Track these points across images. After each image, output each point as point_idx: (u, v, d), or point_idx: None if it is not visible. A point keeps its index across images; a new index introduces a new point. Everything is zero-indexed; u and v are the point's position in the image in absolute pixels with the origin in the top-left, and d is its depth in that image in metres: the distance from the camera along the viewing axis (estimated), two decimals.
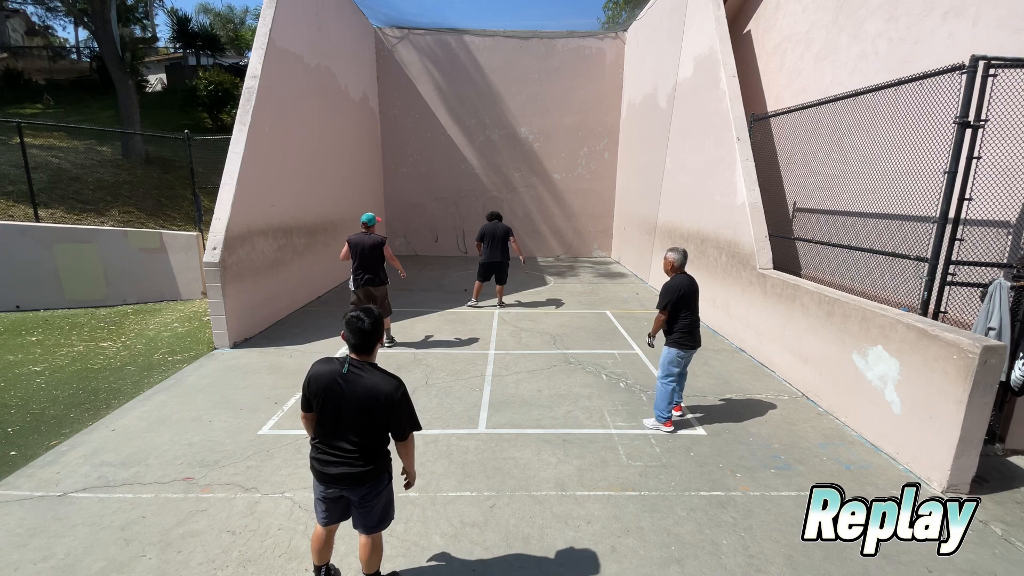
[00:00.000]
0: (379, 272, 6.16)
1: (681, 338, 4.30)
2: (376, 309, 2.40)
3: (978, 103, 4.00)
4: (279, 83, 7.83)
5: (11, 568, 2.81)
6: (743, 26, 9.01)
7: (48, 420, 4.54)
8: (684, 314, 4.27)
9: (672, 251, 4.35)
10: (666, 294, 4.25)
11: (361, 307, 2.39)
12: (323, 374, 2.32)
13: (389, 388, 2.28)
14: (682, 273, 4.34)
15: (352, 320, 2.33)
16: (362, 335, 2.32)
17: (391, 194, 14.24)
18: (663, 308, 4.26)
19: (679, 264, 4.32)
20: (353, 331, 2.33)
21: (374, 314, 2.36)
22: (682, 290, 4.22)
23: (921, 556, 2.99)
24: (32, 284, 8.09)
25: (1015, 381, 3.81)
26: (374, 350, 2.40)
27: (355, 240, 6.07)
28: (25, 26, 25.82)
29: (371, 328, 2.33)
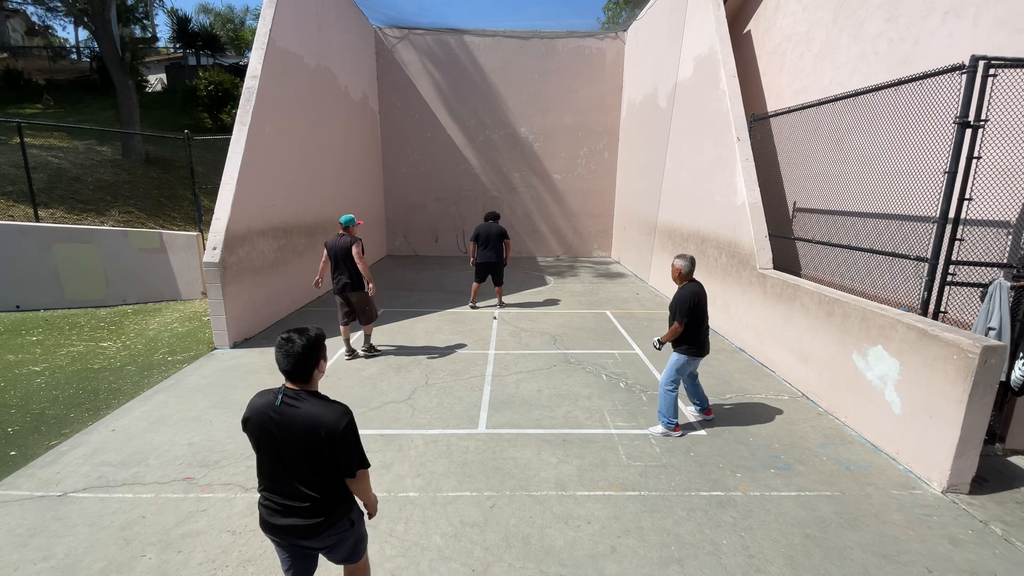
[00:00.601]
0: (355, 276, 5.83)
1: (691, 348, 4.24)
2: (314, 329, 2.05)
3: (978, 103, 4.00)
4: (279, 83, 7.83)
5: (11, 568, 2.81)
6: (743, 26, 9.01)
7: (48, 420, 4.54)
8: (697, 324, 4.20)
9: (680, 258, 4.23)
10: (683, 306, 4.12)
11: (294, 328, 2.04)
12: (257, 410, 1.98)
13: (331, 418, 1.94)
14: (692, 280, 4.26)
15: (281, 342, 1.98)
16: (294, 360, 1.95)
17: (391, 194, 14.24)
18: (682, 320, 4.12)
19: (688, 271, 4.22)
20: (283, 355, 1.96)
21: (308, 335, 2.00)
22: (695, 299, 4.14)
23: (921, 556, 2.99)
24: (32, 284, 8.10)
25: (1015, 381, 3.81)
26: (313, 376, 2.03)
27: (330, 243, 5.85)
28: (25, 26, 25.82)
29: (304, 351, 1.96)
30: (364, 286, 5.88)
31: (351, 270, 5.79)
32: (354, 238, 5.81)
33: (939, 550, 3.04)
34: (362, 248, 5.80)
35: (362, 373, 5.72)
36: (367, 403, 4.94)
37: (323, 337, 2.05)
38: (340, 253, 5.77)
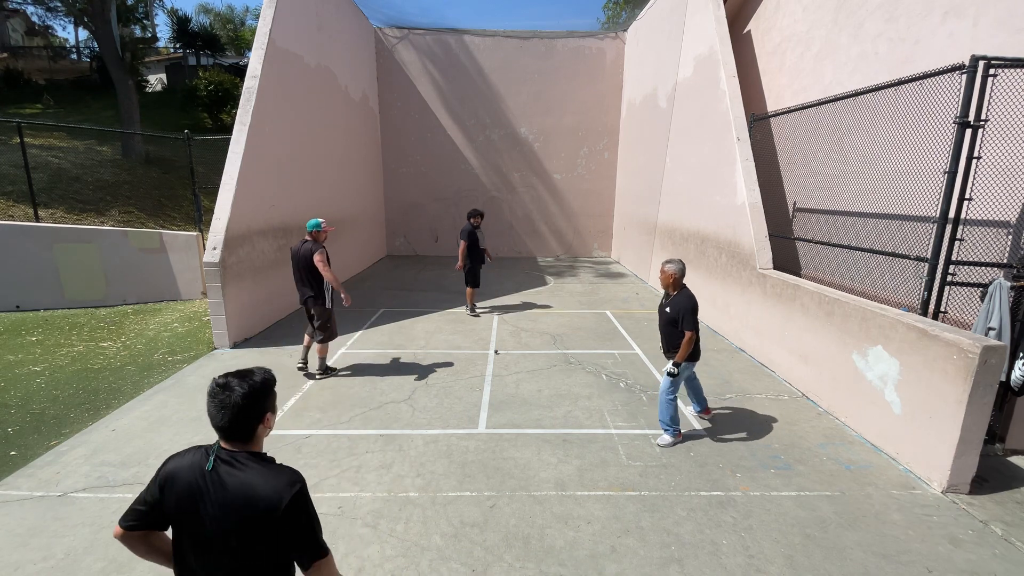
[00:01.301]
0: (318, 287, 5.33)
1: (695, 352, 4.15)
2: (260, 372, 1.58)
3: (978, 103, 4.00)
4: (279, 83, 7.83)
5: (11, 568, 2.81)
6: (743, 26, 9.01)
7: (48, 420, 4.54)
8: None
9: (670, 263, 4.08)
10: (693, 314, 3.96)
11: (234, 371, 1.55)
12: (181, 473, 1.49)
13: (271, 490, 1.44)
14: (685, 286, 4.15)
15: (215, 389, 1.49)
16: (230, 414, 1.47)
17: (391, 194, 14.24)
18: (695, 329, 3.96)
19: (682, 276, 4.08)
20: (216, 406, 1.48)
21: (252, 380, 1.52)
22: (697, 305, 4.06)
23: (921, 556, 2.99)
24: (32, 284, 8.09)
25: (1015, 381, 3.81)
26: (256, 434, 1.55)
27: (294, 249, 5.40)
28: (25, 26, 25.81)
29: (245, 401, 1.48)
30: (326, 299, 5.36)
31: (314, 280, 5.28)
32: (317, 245, 5.28)
33: (939, 550, 3.04)
34: (326, 256, 5.25)
35: (362, 373, 5.71)
36: (367, 403, 4.94)
37: (272, 383, 1.58)
38: (302, 261, 5.25)
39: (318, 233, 5.37)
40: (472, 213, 8.04)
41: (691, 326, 3.95)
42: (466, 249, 7.87)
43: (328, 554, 1.58)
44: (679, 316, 3.98)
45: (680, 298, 4.03)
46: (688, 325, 3.95)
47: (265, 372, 1.58)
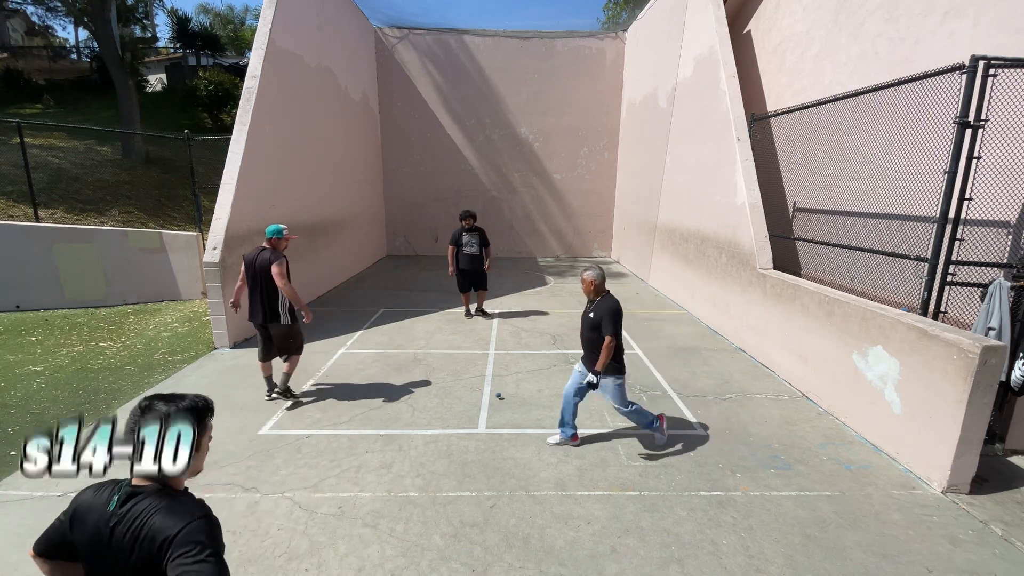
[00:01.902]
0: (274, 304, 4.64)
1: (621, 364, 3.95)
2: (192, 396, 1.44)
3: (978, 103, 4.00)
4: (279, 83, 7.83)
5: (11, 568, 2.81)
6: (743, 26, 9.01)
7: (48, 420, 4.54)
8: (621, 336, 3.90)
9: (588, 270, 3.95)
10: (617, 317, 3.79)
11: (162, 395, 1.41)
12: (86, 510, 1.35)
13: (168, 523, 1.28)
14: (608, 292, 3.98)
15: (134, 412, 1.36)
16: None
17: (391, 194, 14.24)
18: (618, 334, 3.78)
19: (602, 282, 3.93)
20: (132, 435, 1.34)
21: (180, 403, 1.40)
22: (621, 310, 3.86)
23: (921, 556, 2.99)
24: (32, 284, 8.09)
25: (1015, 381, 3.81)
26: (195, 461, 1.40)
27: (248, 258, 4.66)
28: (25, 26, 25.81)
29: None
30: (284, 316, 4.69)
31: (270, 295, 4.61)
32: (277, 254, 4.59)
33: (939, 550, 3.04)
34: (287, 268, 4.57)
35: (362, 373, 5.72)
36: (367, 403, 4.94)
37: (206, 410, 1.45)
38: (260, 272, 4.57)
39: (278, 241, 4.69)
40: (461, 215, 7.70)
41: (610, 330, 3.76)
42: (452, 253, 7.66)
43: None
44: (600, 321, 3.82)
45: (602, 303, 3.87)
46: (608, 329, 3.77)
47: (198, 398, 1.42)
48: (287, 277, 4.56)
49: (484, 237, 7.80)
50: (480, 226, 7.87)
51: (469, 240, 7.64)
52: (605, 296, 3.92)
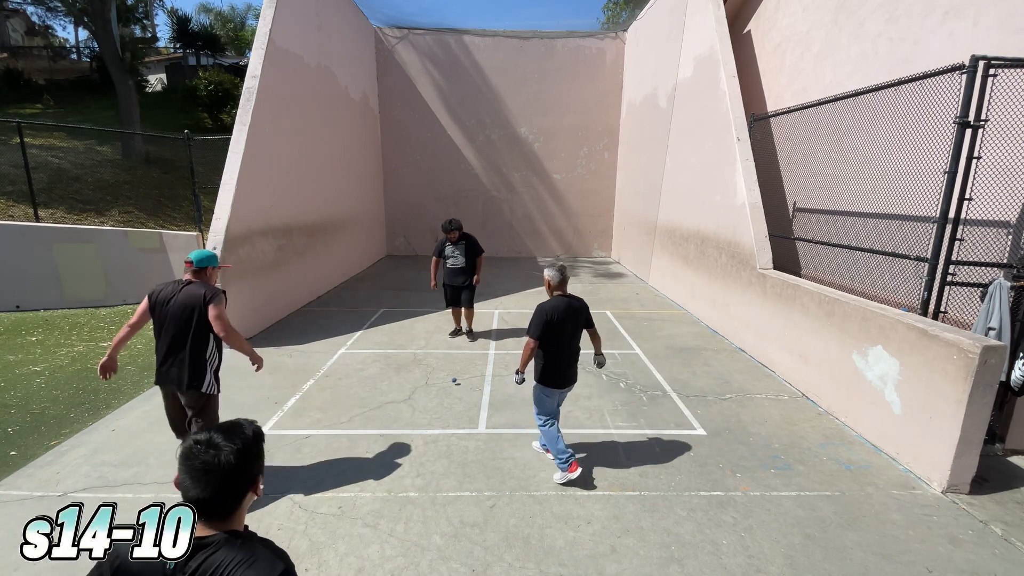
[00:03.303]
0: (200, 360, 3.23)
1: (545, 375, 3.60)
2: (248, 425, 1.29)
3: (978, 103, 4.00)
4: (279, 83, 7.83)
5: (11, 568, 2.81)
6: (743, 26, 9.01)
7: (48, 420, 4.54)
8: (553, 345, 3.55)
9: (547, 268, 3.70)
10: (535, 319, 3.52)
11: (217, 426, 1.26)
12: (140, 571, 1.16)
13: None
14: (562, 295, 3.64)
15: (191, 449, 1.20)
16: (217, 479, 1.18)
17: (391, 194, 14.24)
18: (533, 336, 3.51)
19: (557, 282, 3.63)
20: (199, 472, 1.18)
21: (243, 434, 1.25)
22: (553, 315, 3.49)
23: (921, 556, 2.99)
24: (32, 284, 8.09)
25: (1015, 381, 3.81)
26: (241, 507, 1.25)
27: (160, 295, 3.24)
28: (25, 26, 25.80)
29: (237, 461, 1.20)
30: (209, 380, 3.29)
31: (197, 347, 3.22)
32: (211, 289, 3.27)
33: (939, 550, 3.04)
34: (225, 307, 3.29)
35: (362, 373, 5.71)
36: (367, 403, 4.94)
37: (263, 436, 1.32)
38: (179, 312, 3.18)
39: (212, 271, 3.42)
40: (445, 227, 6.67)
41: (529, 330, 3.53)
42: (434, 265, 6.85)
43: None
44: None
45: (538, 304, 3.62)
46: (529, 330, 3.54)
47: (254, 425, 1.30)
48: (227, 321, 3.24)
49: (474, 247, 6.81)
50: (470, 234, 6.94)
51: (453, 251, 6.73)
52: (551, 298, 3.65)
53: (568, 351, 3.62)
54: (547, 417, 3.72)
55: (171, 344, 3.22)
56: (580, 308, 3.65)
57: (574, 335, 3.65)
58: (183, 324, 3.19)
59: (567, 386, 3.70)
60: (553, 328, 3.50)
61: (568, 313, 3.56)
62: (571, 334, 3.61)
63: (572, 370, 3.69)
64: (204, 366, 3.26)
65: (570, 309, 3.58)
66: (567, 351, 3.62)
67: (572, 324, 3.60)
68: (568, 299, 3.61)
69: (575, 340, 3.67)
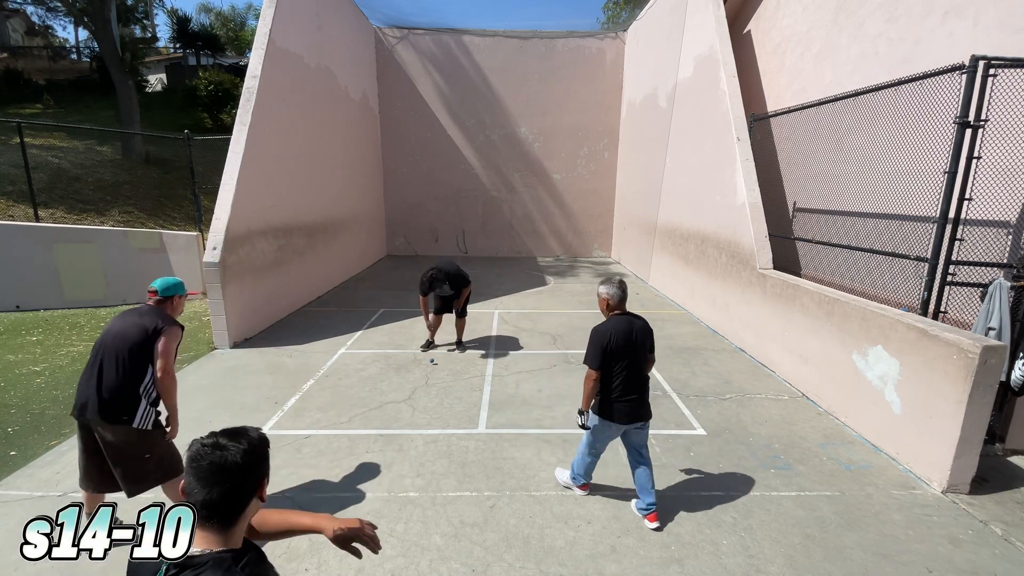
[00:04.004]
0: (130, 390, 2.78)
1: (603, 406, 3.11)
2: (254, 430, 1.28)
3: (978, 103, 4.00)
4: (279, 83, 7.83)
5: (11, 568, 2.81)
6: (743, 26, 9.01)
7: (48, 420, 4.54)
8: (612, 372, 3.06)
9: (605, 284, 3.21)
10: (592, 346, 3.07)
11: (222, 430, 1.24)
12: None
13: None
14: (621, 313, 3.19)
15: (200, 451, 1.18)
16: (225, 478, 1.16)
17: (391, 194, 14.24)
18: (593, 366, 3.05)
19: (617, 301, 3.17)
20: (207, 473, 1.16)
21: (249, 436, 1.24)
22: (612, 338, 3.03)
23: (921, 556, 2.99)
24: (32, 284, 8.09)
25: (1015, 381, 3.81)
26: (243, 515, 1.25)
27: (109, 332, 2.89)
28: (25, 26, 25.80)
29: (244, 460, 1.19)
30: (141, 415, 2.80)
31: (128, 376, 2.77)
32: (166, 320, 2.92)
33: (939, 550, 3.04)
34: (177, 342, 2.94)
35: (362, 373, 5.71)
36: (367, 403, 4.94)
37: (268, 443, 1.31)
38: (118, 338, 2.81)
39: (179, 300, 3.10)
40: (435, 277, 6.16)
41: (587, 359, 3.09)
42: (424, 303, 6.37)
43: None
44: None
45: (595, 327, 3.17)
46: (587, 359, 3.10)
47: (259, 431, 1.28)
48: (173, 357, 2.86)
49: (462, 281, 6.33)
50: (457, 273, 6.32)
51: (442, 289, 6.25)
52: (608, 318, 3.19)
53: (634, 379, 3.08)
54: (592, 452, 3.31)
55: (101, 365, 2.79)
56: (645, 329, 3.18)
57: (639, 360, 3.12)
58: (113, 348, 2.79)
59: (635, 421, 3.12)
60: (614, 354, 3.03)
61: (631, 336, 3.07)
62: (635, 360, 3.09)
63: (641, 402, 3.14)
64: (137, 397, 2.78)
65: (633, 331, 3.09)
66: (632, 380, 3.08)
67: (637, 348, 3.10)
68: (629, 319, 3.14)
69: (641, 367, 3.13)
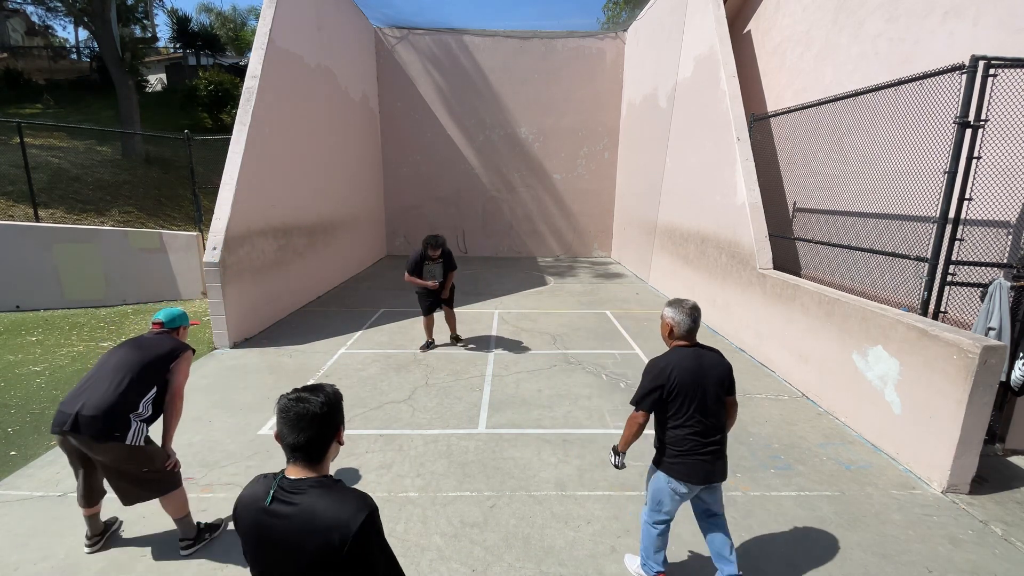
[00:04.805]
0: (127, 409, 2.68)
1: (671, 460, 2.47)
2: (329, 385, 1.52)
3: (978, 103, 4.00)
4: (279, 83, 7.83)
5: (11, 568, 2.81)
6: (743, 26, 9.01)
7: (48, 420, 4.53)
8: (678, 415, 2.44)
9: (672, 307, 2.54)
10: (644, 384, 2.48)
11: (299, 388, 1.49)
12: (245, 506, 1.43)
13: (340, 517, 1.31)
14: (686, 344, 2.52)
15: (288, 403, 1.42)
16: (310, 424, 1.40)
17: (391, 194, 14.25)
18: (641, 406, 2.48)
19: (685, 330, 2.50)
20: (293, 419, 1.40)
21: (326, 391, 1.48)
22: (670, 374, 2.40)
23: (921, 556, 2.99)
24: (32, 284, 8.09)
25: (1015, 381, 3.81)
26: (328, 454, 1.47)
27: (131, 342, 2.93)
28: (25, 26, 25.81)
29: (323, 411, 1.42)
30: (134, 432, 2.69)
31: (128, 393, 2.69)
32: (181, 346, 2.96)
33: (939, 550, 3.04)
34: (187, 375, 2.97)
35: (362, 373, 5.71)
36: (367, 403, 4.94)
37: (341, 397, 1.54)
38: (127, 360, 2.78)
39: (183, 331, 3.15)
40: (428, 242, 5.97)
41: (634, 396, 2.52)
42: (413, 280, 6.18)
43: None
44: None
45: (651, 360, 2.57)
46: (635, 395, 2.52)
47: (333, 387, 1.53)
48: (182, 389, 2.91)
49: (450, 262, 6.28)
50: (448, 249, 6.27)
51: (430, 270, 6.13)
52: (671, 348, 2.55)
53: (705, 429, 2.43)
54: (661, 518, 2.59)
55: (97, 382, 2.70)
56: (719, 365, 2.49)
57: (711, 405, 2.44)
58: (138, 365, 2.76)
59: (708, 482, 2.47)
60: (674, 395, 2.40)
61: (699, 374, 2.42)
62: (705, 404, 2.42)
63: (717, 458, 2.46)
64: (126, 418, 2.66)
65: (701, 368, 2.44)
66: (704, 430, 2.42)
67: (707, 389, 2.43)
68: (697, 352, 2.49)
69: (715, 414, 2.45)
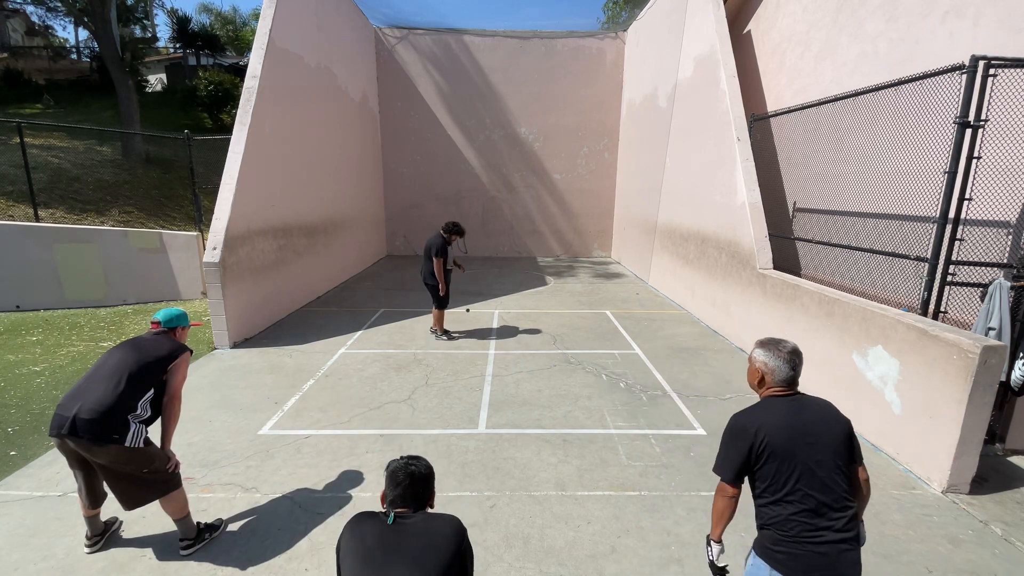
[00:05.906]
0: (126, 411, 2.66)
1: (775, 548, 1.84)
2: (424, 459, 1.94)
3: (978, 103, 4.00)
4: (279, 83, 7.83)
5: (11, 568, 2.81)
6: (743, 26, 9.01)
7: (48, 420, 4.52)
8: (775, 487, 1.85)
9: (763, 348, 2.10)
10: (726, 448, 1.96)
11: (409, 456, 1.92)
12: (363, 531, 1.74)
13: (456, 526, 1.79)
14: (782, 394, 2.02)
15: (403, 463, 1.86)
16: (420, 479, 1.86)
17: (391, 194, 14.25)
18: (727, 477, 1.96)
19: (780, 377, 2.04)
20: (407, 475, 1.83)
21: (427, 461, 1.93)
22: (759, 432, 1.87)
23: (921, 556, 2.99)
24: (32, 284, 8.09)
25: (1015, 381, 3.81)
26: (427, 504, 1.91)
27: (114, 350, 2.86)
28: (25, 26, 25.80)
29: (427, 472, 1.90)
30: (133, 434, 2.66)
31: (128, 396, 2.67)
32: (180, 347, 2.93)
33: (939, 550, 3.04)
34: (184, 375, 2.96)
35: (362, 373, 5.71)
36: (367, 403, 4.94)
37: (433, 470, 1.96)
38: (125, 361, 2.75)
39: (182, 331, 3.10)
40: (452, 229, 6.58)
41: (717, 466, 2.00)
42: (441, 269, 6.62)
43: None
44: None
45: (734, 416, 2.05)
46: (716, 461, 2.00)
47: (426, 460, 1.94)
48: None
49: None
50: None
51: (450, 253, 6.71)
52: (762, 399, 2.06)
53: (819, 506, 1.79)
54: None
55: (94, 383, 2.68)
56: (830, 420, 1.95)
57: (823, 474, 1.81)
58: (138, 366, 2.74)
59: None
60: (766, 460, 1.85)
61: (802, 431, 1.86)
62: (812, 471, 1.81)
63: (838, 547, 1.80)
64: (124, 420, 2.64)
65: (803, 424, 1.88)
66: (817, 506, 1.79)
67: (815, 452, 1.83)
68: (798, 403, 1.97)
69: (832, 486, 1.81)
